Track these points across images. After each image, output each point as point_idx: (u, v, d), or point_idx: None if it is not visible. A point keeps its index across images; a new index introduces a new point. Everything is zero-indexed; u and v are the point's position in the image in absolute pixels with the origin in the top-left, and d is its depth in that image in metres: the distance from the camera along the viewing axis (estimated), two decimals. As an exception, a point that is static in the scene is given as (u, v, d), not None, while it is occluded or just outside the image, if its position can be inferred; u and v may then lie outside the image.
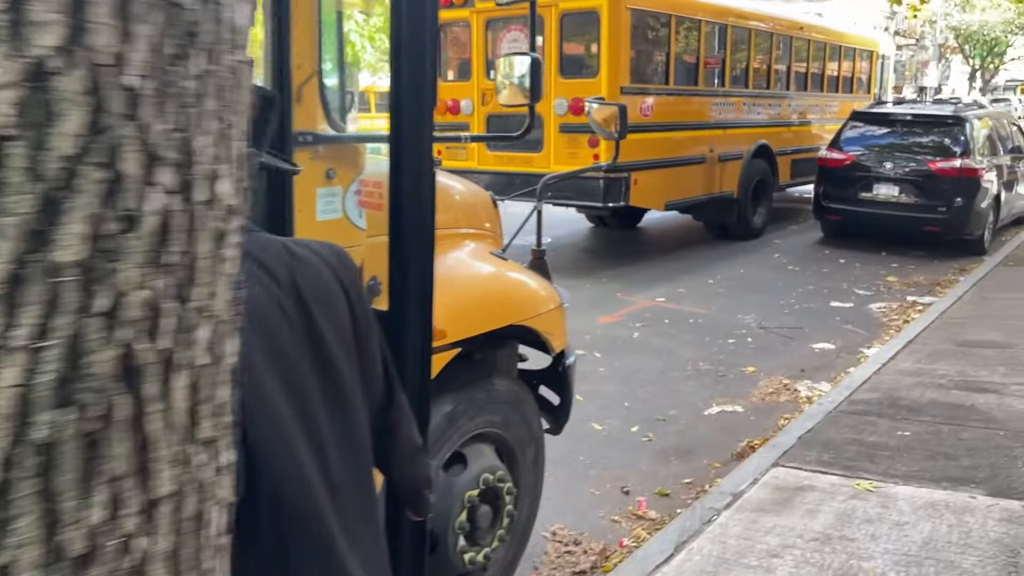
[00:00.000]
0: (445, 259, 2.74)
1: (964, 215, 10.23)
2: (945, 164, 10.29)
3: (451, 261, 2.93)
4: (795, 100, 12.51)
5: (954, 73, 75.52)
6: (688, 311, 7.93)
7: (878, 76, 15.18)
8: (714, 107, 10.38)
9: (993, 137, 11.37)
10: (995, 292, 8.14)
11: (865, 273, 9.75)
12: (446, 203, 2.95)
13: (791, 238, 11.94)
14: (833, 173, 11.06)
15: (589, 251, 11.14)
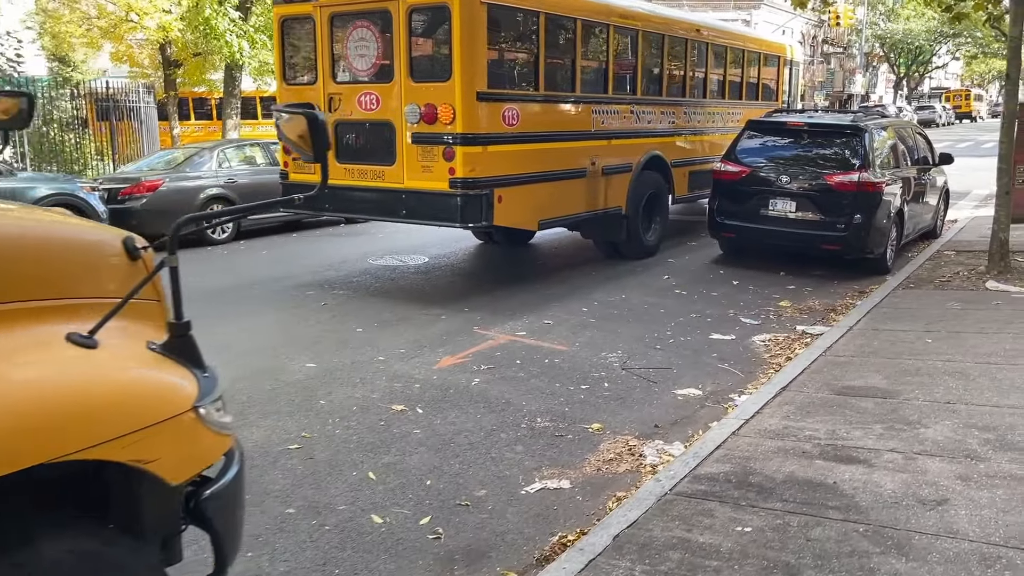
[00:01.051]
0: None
1: (864, 232, 9.49)
2: (843, 178, 9.55)
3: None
4: (693, 107, 11.70)
5: (881, 81, 77.18)
6: (547, 348, 6.95)
7: (787, 83, 14.50)
8: (596, 115, 9.45)
9: (897, 148, 10.71)
10: (888, 322, 7.35)
11: (757, 297, 8.92)
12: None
13: (687, 256, 11.10)
14: (728, 187, 10.25)
15: (463, 273, 10.10)
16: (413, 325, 7.53)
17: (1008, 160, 9.23)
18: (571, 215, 9.37)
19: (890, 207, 9.90)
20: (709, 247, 11.27)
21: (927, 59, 68.60)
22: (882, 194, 9.63)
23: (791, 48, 14.60)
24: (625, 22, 9.81)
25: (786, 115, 10.78)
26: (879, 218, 9.64)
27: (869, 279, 9.68)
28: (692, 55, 11.56)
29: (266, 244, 12.21)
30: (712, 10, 49.03)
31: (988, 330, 6.86)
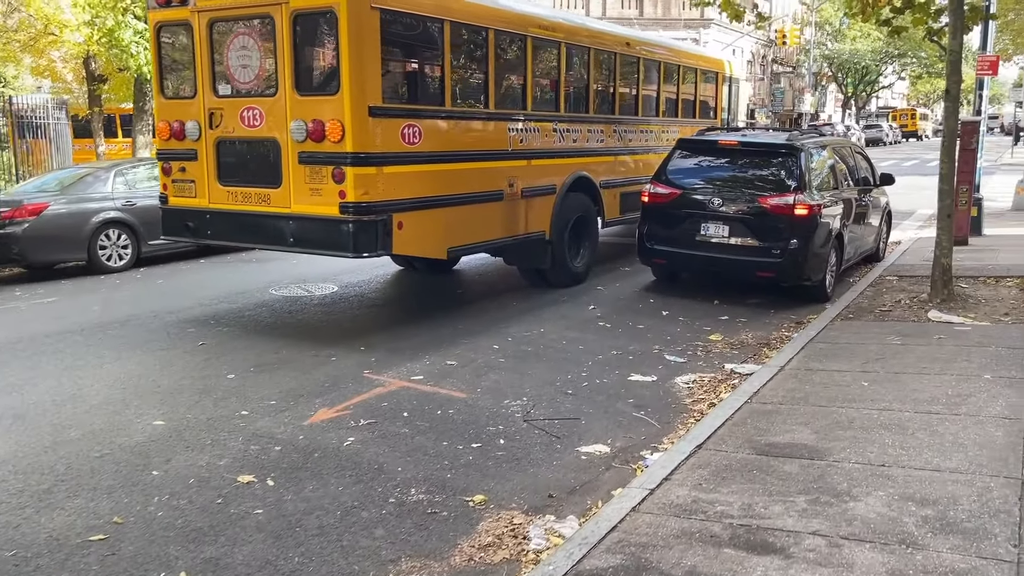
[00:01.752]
0: None
1: (800, 258, 8.87)
2: (778, 200, 8.93)
3: None
4: (624, 125, 11.04)
5: (830, 100, 78.20)
6: (444, 396, 6.14)
7: (726, 100, 13.97)
8: (514, 133, 8.71)
9: (836, 168, 10.17)
10: (823, 360, 6.69)
11: (686, 330, 8.23)
12: None
13: (618, 283, 10.39)
14: (658, 210, 9.57)
15: (372, 305, 9.25)
16: (296, 369, 6.66)
17: (949, 181, 8.71)
18: (486, 241, 8.59)
19: (829, 231, 9.30)
20: (642, 273, 10.59)
21: (874, 79, 69.73)
22: (819, 217, 9.03)
23: (729, 64, 14.07)
24: (546, 34, 9.10)
25: (718, 133, 10.16)
26: (817, 243, 9.04)
27: (807, 308, 9.07)
28: (622, 70, 10.92)
29: (168, 272, 11.22)
30: (663, 29, 49.03)
31: (929, 370, 6.22)
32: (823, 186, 9.55)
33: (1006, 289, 9.29)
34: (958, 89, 8.55)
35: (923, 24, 10.02)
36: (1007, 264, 10.58)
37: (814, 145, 9.66)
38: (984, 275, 10.01)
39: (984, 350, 6.64)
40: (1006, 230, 14.25)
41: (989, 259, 11.10)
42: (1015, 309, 8.21)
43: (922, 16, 9.89)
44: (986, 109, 13.39)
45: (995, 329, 7.34)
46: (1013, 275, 9.86)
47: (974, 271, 10.28)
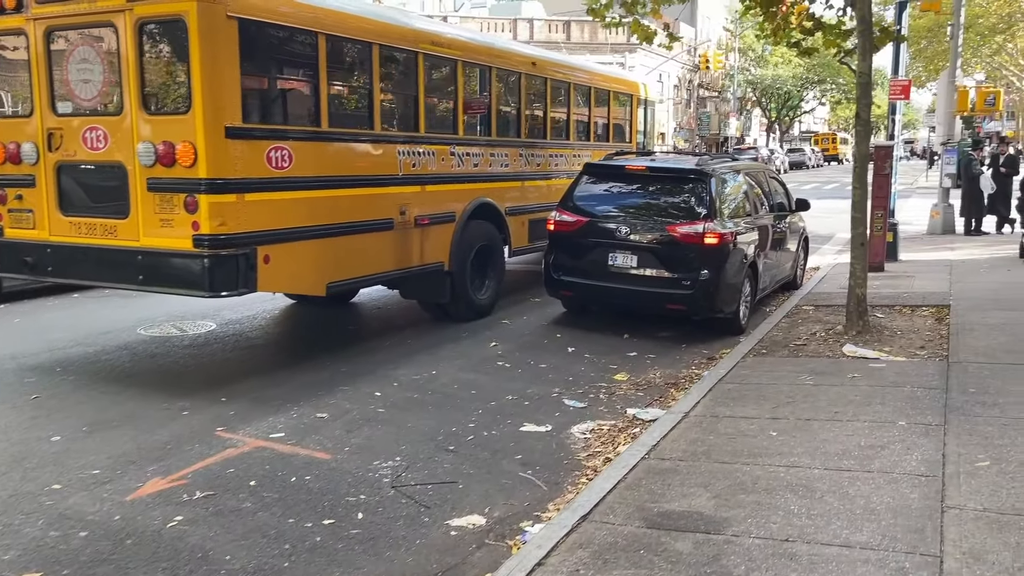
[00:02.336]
0: None
1: (712, 289, 8.39)
2: (687, 229, 8.44)
3: None
4: (531, 149, 10.47)
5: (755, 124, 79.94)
6: (304, 457, 5.36)
7: (641, 123, 13.57)
8: (405, 156, 8.02)
9: (749, 194, 9.78)
10: (732, 404, 6.14)
11: (591, 368, 7.63)
12: None
13: (525, 316, 9.76)
14: (564, 239, 8.99)
15: (249, 346, 8.39)
16: (138, 427, 5.79)
17: (862, 208, 8.35)
18: (374, 275, 7.85)
19: (742, 260, 8.86)
20: (551, 305, 9.97)
21: (796, 104, 71.52)
22: (731, 246, 8.58)
23: (644, 86, 13.70)
24: (440, 51, 8.46)
25: (626, 158, 9.66)
26: (729, 273, 8.57)
27: (721, 341, 8.59)
28: (529, 91, 10.36)
29: (29, 309, 10.13)
30: (590, 53, 49.20)
31: (842, 416, 5.71)
32: (736, 213, 9.12)
33: (921, 319, 8.97)
34: (868, 112, 8.22)
35: (833, 46, 9.77)
36: (922, 292, 10.33)
37: (725, 170, 9.23)
38: (900, 304, 9.71)
39: (899, 391, 6.18)
40: (921, 255, 14.17)
41: (905, 286, 10.86)
42: (930, 342, 7.85)
43: (832, 38, 9.64)
44: (899, 133, 13.28)
45: (910, 366, 6.92)
46: (928, 304, 9.58)
47: (890, 299, 9.98)
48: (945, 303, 9.48)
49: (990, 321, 8.34)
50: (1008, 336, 7.64)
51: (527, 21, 48.76)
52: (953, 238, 16.59)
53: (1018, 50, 43.22)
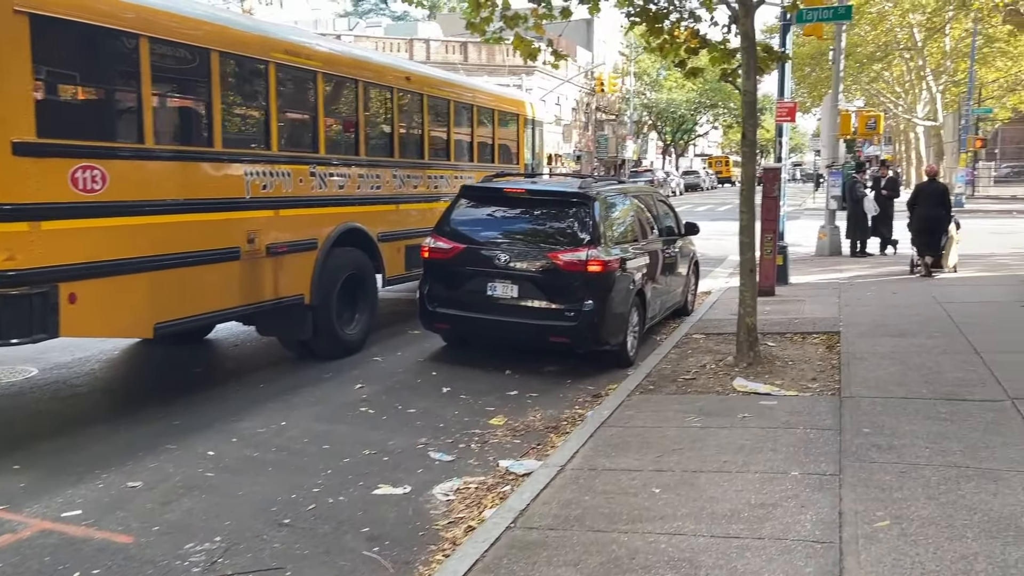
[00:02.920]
0: None
1: (597, 320, 7.81)
2: (570, 256, 7.84)
3: None
4: (409, 170, 9.72)
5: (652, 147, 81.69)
6: (101, 541, 4.40)
7: (529, 144, 13.02)
8: (253, 177, 7.13)
9: (636, 218, 9.31)
10: (613, 453, 5.51)
11: (466, 412, 6.89)
12: None
13: (400, 351, 8.95)
14: (439, 267, 8.27)
15: (73, 395, 7.27)
16: None
17: (750, 232, 7.95)
18: (216, 312, 6.91)
19: (628, 288, 8.34)
20: (431, 338, 9.21)
21: (690, 127, 73.42)
22: (617, 273, 8.04)
23: (531, 105, 13.18)
24: (295, 61, 7.62)
25: (505, 180, 9.03)
26: (615, 303, 8.02)
27: (608, 375, 8.02)
28: (403, 107, 9.62)
29: None
30: (488, 74, 49.01)
31: (731, 465, 5.15)
32: (622, 238, 8.61)
33: (812, 347, 8.64)
34: (754, 133, 7.86)
35: (719, 64, 9.44)
36: (812, 317, 10.07)
37: (610, 193, 8.71)
38: (791, 331, 9.39)
39: (792, 433, 5.69)
40: (811, 277, 14.11)
41: (795, 311, 10.60)
42: (822, 373, 7.47)
43: (718, 56, 9.29)
44: (787, 156, 13.18)
45: (802, 403, 6.48)
46: (819, 330, 9.29)
47: (781, 326, 9.67)
48: (835, 329, 9.21)
49: (879, 349, 8.06)
50: (898, 366, 7.33)
51: (423, 41, 48.19)
52: (840, 259, 16.72)
53: (894, 78, 45.44)
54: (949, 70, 39.54)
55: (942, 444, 5.24)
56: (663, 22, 9.49)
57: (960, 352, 7.68)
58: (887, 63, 41.11)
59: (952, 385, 6.60)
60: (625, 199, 9.09)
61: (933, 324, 9.07)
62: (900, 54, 38.90)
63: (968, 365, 7.18)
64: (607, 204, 8.46)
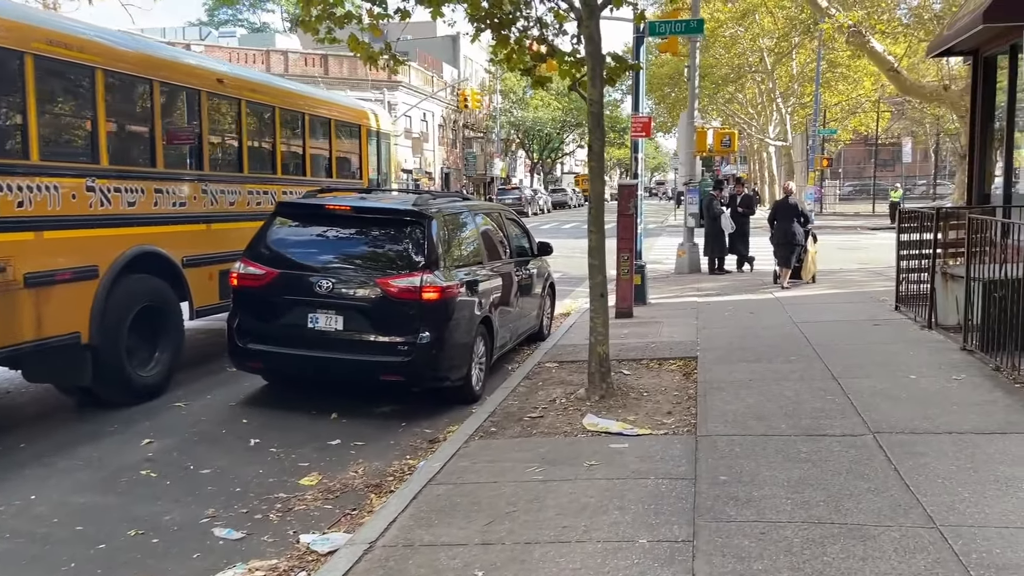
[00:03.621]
0: None
1: (434, 354, 6.92)
2: (402, 282, 6.92)
3: None
4: (222, 184, 8.54)
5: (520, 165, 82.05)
6: None
7: (374, 157, 12.03)
8: (4, 193, 5.81)
9: (483, 238, 8.52)
10: (435, 521, 4.60)
11: (273, 470, 5.83)
12: None
13: (211, 393, 7.75)
14: (251, 296, 7.16)
15: None
16: None
17: (599, 254, 7.28)
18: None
19: (473, 316, 7.50)
20: (251, 376, 8.02)
21: (557, 146, 74.24)
22: (457, 300, 7.18)
23: (375, 115, 12.19)
24: (61, 53, 6.34)
25: (329, 196, 8.01)
26: (456, 333, 7.16)
27: (450, 413, 7.16)
28: (216, 113, 8.45)
29: None
30: (351, 89, 47.52)
31: (572, 531, 4.35)
32: (465, 260, 7.78)
33: (669, 374, 8.07)
34: (601, 146, 7.21)
35: (568, 75, 8.81)
36: (670, 341, 9.57)
37: (451, 211, 7.86)
38: (648, 356, 8.81)
39: (642, 485, 4.96)
40: (670, 296, 13.78)
41: (653, 334, 10.08)
42: (678, 405, 6.86)
43: (567, 67, 8.64)
44: (643, 172, 12.79)
45: (656, 444, 5.79)
46: (676, 355, 8.76)
47: (638, 351, 9.09)
48: (693, 354, 8.70)
49: (737, 376, 7.56)
50: (756, 396, 6.81)
51: (281, 53, 46.24)
52: (699, 277, 16.59)
53: (747, 100, 47.34)
54: (796, 93, 41.47)
55: (804, 493, 4.63)
56: (509, 28, 8.79)
57: (817, 378, 7.26)
58: (740, 85, 42.70)
59: (812, 417, 6.10)
60: (469, 217, 8.26)
61: (790, 346, 8.71)
62: (752, 76, 40.45)
63: (826, 393, 6.73)
64: (447, 223, 7.61)
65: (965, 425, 5.66)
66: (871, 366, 7.59)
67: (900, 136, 51.61)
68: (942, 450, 5.21)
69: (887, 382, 6.96)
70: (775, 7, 30.56)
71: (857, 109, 43.84)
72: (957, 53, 12.21)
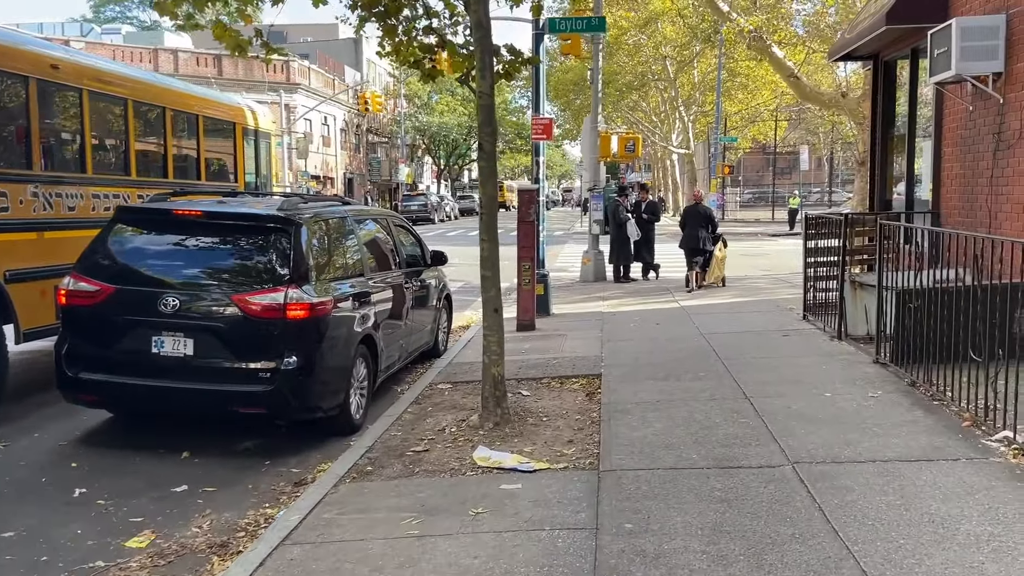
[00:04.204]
0: None
1: (301, 382, 6.01)
2: (264, 299, 5.99)
3: None
4: (56, 186, 7.38)
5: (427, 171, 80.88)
6: None
7: (252, 159, 10.96)
8: None
9: (369, 247, 7.68)
10: (283, 597, 3.73)
11: (95, 528, 4.82)
12: None
13: (42, 431, 6.62)
14: (84, 316, 6.10)
15: None
16: None
17: (493, 264, 6.53)
18: None
19: (351, 336, 6.63)
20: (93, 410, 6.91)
21: (463, 152, 73.47)
22: (331, 318, 6.30)
23: (254, 113, 11.12)
24: None
25: (179, 200, 6.99)
26: (330, 356, 6.28)
27: (323, 448, 6.30)
28: (49, 104, 7.30)
29: None
30: (246, 90, 45.50)
31: (447, 608, 3.55)
32: (343, 272, 6.91)
33: (571, 394, 7.39)
34: (493, 144, 6.46)
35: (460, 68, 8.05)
36: (573, 356, 8.91)
37: (325, 216, 6.95)
38: (550, 374, 8.12)
39: (535, 540, 4.20)
40: (574, 306, 13.19)
41: (556, 349, 9.41)
42: (580, 431, 6.17)
43: (460, 60, 7.87)
44: (545, 178, 12.15)
45: (554, 483, 5.06)
46: (579, 373, 8.09)
47: (539, 368, 8.39)
48: (597, 371, 8.05)
49: (644, 396, 6.93)
50: (664, 420, 6.17)
51: (171, 52, 43.90)
52: (605, 285, 16.10)
53: (651, 108, 47.76)
54: (699, 101, 41.99)
55: (721, 545, 3.97)
56: (396, 17, 7.97)
57: (729, 398, 6.70)
58: (644, 93, 42.96)
59: (725, 445, 5.49)
60: (346, 223, 7.37)
61: (698, 361, 8.17)
62: (655, 84, 40.71)
63: (739, 415, 6.16)
64: (319, 231, 6.72)
65: (889, 451, 5.14)
66: (784, 383, 7.09)
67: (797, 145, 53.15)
68: (868, 483, 4.65)
69: (801, 401, 6.44)
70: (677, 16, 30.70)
71: (756, 118, 44.76)
72: (858, 57, 12.07)
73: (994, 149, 8.26)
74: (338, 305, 6.49)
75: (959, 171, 9.16)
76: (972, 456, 4.97)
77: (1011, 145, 7.93)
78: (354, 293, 6.87)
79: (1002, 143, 8.11)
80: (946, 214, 9.49)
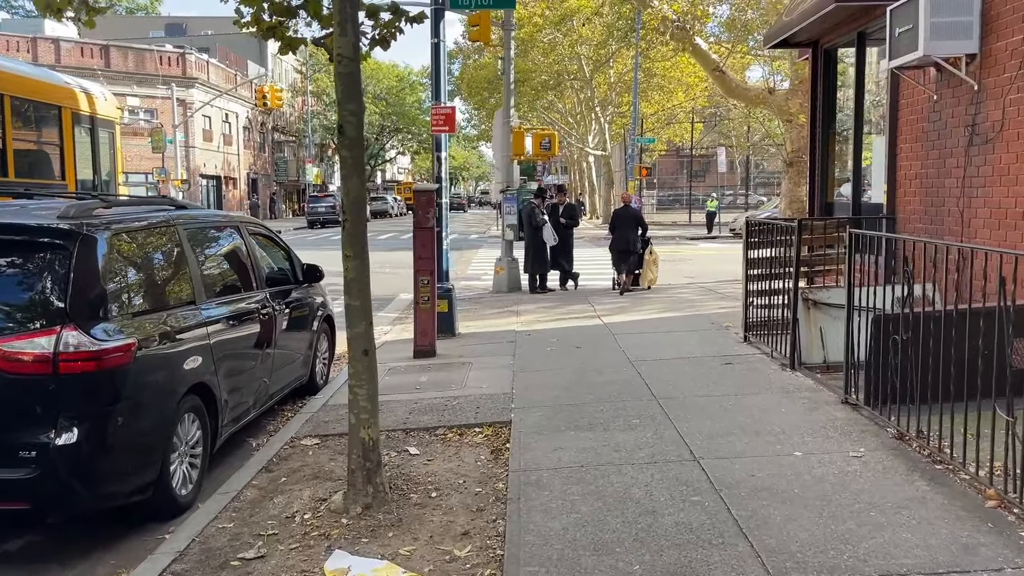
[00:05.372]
0: None
1: (89, 461, 4.23)
2: (24, 347, 4.18)
3: None
4: None
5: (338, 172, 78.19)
6: None
7: (89, 153, 8.94)
8: None
9: (219, 263, 5.91)
10: None
11: None
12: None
13: None
14: None
15: None
16: None
17: (360, 289, 4.86)
18: None
19: (170, 389, 4.88)
20: None
21: (376, 152, 71.13)
22: (133, 368, 4.51)
23: (89, 95, 9.09)
24: None
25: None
26: (132, 421, 4.51)
27: (128, 541, 4.55)
28: None
29: None
30: (137, 84, 42.39)
31: None
32: (165, 300, 5.13)
33: (472, 451, 5.80)
34: (358, 126, 4.78)
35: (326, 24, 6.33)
36: (478, 394, 7.31)
37: (131, 227, 5.12)
38: (446, 423, 6.49)
39: None
40: (485, 323, 11.60)
41: (458, 383, 7.80)
42: (480, 515, 4.58)
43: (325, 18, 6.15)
44: (447, 175, 10.52)
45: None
46: (483, 419, 6.50)
47: (435, 412, 6.77)
48: (505, 417, 6.48)
49: (564, 457, 5.38)
50: (592, 499, 4.62)
51: (51, 41, 40.37)
52: (520, 296, 14.58)
53: (567, 109, 46.67)
54: (615, 102, 41.07)
55: None
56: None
57: (673, 459, 5.20)
58: (559, 93, 41.81)
59: (677, 546, 3.97)
60: (174, 235, 5.56)
61: (630, 402, 6.67)
62: (571, 84, 39.58)
63: (690, 491, 4.65)
64: (122, 246, 4.91)
65: (904, 556, 3.71)
66: (738, 434, 5.64)
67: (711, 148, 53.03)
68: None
69: (767, 465, 4.99)
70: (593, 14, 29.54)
71: (672, 120, 44.20)
72: (795, 44, 10.88)
73: (967, 145, 7.06)
74: (151, 347, 4.72)
75: (919, 170, 7.98)
76: (1020, 563, 3.58)
77: (989, 140, 6.72)
78: (178, 328, 5.11)
79: (977, 137, 6.91)
80: (903, 219, 8.31)
